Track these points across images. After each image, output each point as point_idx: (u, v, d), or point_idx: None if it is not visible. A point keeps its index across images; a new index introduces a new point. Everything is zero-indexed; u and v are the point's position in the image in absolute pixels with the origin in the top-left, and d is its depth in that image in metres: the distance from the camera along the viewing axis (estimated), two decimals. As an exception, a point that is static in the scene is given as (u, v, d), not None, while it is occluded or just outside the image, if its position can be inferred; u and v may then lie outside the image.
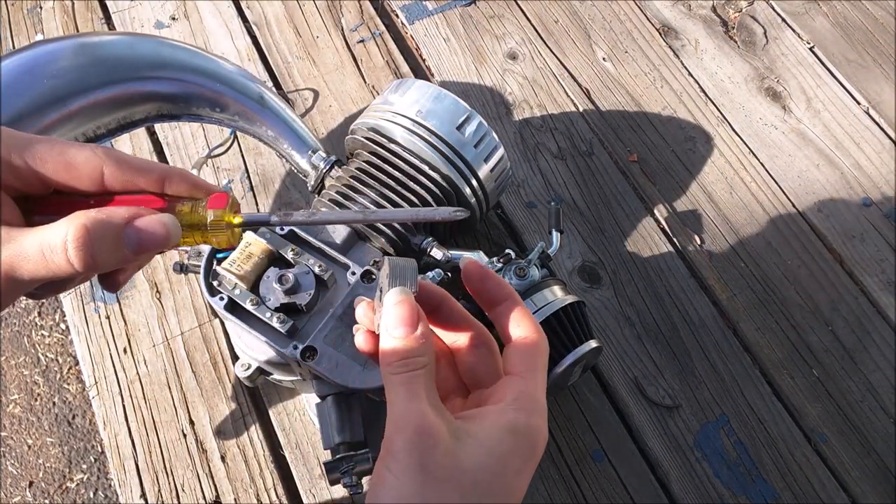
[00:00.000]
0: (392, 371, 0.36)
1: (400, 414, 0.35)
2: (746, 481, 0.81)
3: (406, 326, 0.37)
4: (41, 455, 0.93)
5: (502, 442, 0.35)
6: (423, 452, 0.34)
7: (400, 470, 0.34)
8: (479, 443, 0.35)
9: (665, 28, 1.13)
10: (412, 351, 0.36)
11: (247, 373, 0.70)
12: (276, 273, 0.63)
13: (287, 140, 0.81)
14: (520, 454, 0.36)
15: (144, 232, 0.33)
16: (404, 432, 0.34)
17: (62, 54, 0.69)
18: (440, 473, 0.33)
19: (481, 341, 0.41)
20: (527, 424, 0.36)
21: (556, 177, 0.99)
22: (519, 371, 0.39)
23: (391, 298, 0.37)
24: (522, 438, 0.36)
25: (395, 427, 0.35)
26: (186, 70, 0.75)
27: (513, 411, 0.36)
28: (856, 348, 0.88)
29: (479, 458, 0.35)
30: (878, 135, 1.03)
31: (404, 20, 1.14)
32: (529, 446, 0.36)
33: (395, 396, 0.36)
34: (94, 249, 0.31)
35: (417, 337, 0.37)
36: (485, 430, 0.36)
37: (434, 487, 0.33)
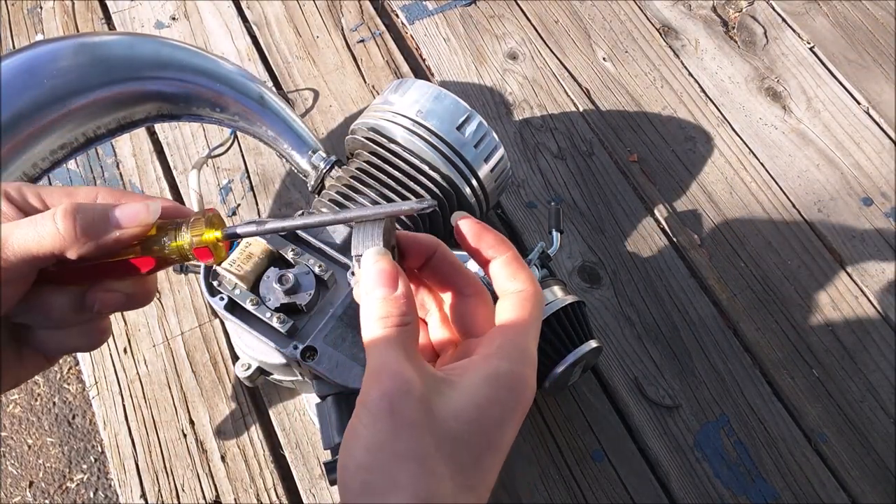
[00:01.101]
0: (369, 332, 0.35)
1: (374, 367, 0.34)
2: (746, 481, 0.81)
3: (384, 287, 0.36)
4: (41, 455, 0.93)
5: (480, 390, 0.34)
6: (395, 400, 0.32)
7: (371, 420, 0.32)
8: (457, 391, 0.34)
9: (665, 28, 1.13)
10: (390, 310, 0.35)
11: (247, 373, 0.70)
12: (276, 273, 0.63)
13: (287, 140, 0.81)
14: (500, 403, 0.34)
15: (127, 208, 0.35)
16: (377, 384, 0.33)
17: (62, 54, 0.69)
18: (412, 420, 0.32)
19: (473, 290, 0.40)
20: (509, 371, 0.35)
21: (556, 177, 0.99)
22: (508, 321, 0.37)
23: (367, 259, 0.36)
24: (503, 387, 0.34)
25: (368, 379, 0.34)
26: (186, 70, 0.75)
27: (496, 359, 0.35)
28: (856, 348, 0.88)
29: (456, 406, 0.33)
30: (878, 135, 1.03)
31: (404, 20, 1.14)
32: (511, 395, 0.35)
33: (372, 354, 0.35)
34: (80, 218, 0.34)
35: (398, 296, 0.36)
36: (464, 378, 0.34)
37: (406, 435, 0.32)
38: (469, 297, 0.40)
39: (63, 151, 0.70)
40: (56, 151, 0.69)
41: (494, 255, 0.39)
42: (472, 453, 0.33)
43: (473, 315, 0.40)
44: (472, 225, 0.39)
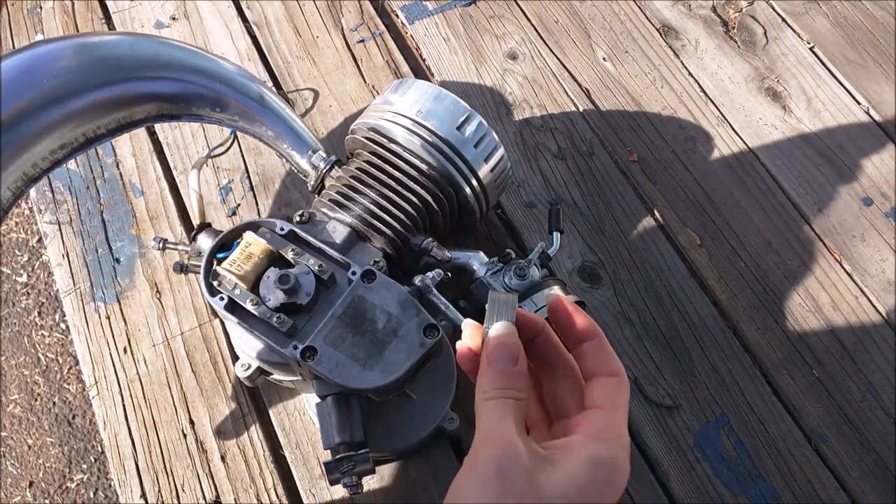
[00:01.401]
0: (486, 397, 0.38)
1: (487, 432, 0.36)
2: (746, 481, 0.81)
3: (506, 360, 0.39)
4: (41, 455, 0.93)
5: (583, 472, 0.36)
6: (505, 469, 0.34)
7: (479, 482, 0.34)
8: (559, 470, 0.36)
9: (665, 28, 1.13)
10: (508, 383, 0.38)
11: (247, 373, 0.70)
12: (276, 273, 0.63)
13: (287, 140, 0.81)
14: (600, 485, 0.36)
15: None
16: (489, 448, 0.35)
17: (62, 54, 0.69)
18: (519, 492, 0.34)
19: (569, 373, 0.43)
20: (609, 457, 0.37)
21: (556, 177, 0.99)
22: (602, 404, 0.39)
23: (496, 330, 0.40)
24: (603, 470, 0.36)
25: (481, 443, 0.36)
26: (186, 70, 0.75)
27: (595, 443, 0.37)
28: (856, 348, 0.88)
29: (559, 484, 0.35)
30: (878, 135, 1.03)
31: (404, 20, 1.14)
32: (609, 478, 0.36)
33: (485, 418, 0.37)
34: None
35: (516, 371, 0.38)
36: (566, 458, 0.36)
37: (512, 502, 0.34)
38: (565, 379, 0.43)
39: (63, 151, 0.70)
40: (56, 151, 0.69)
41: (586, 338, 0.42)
42: None
43: (568, 396, 0.42)
44: (567, 306, 0.42)
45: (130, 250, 0.94)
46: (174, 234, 0.95)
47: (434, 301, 0.69)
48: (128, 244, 0.94)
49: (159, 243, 0.82)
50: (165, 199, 0.98)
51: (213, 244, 0.66)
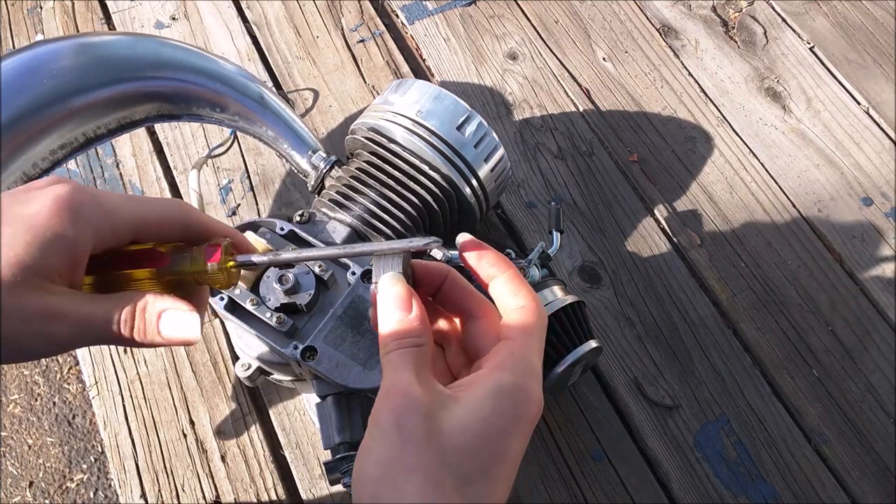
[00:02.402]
0: (385, 351, 0.37)
1: (385, 386, 0.35)
2: (746, 481, 0.81)
3: (399, 310, 0.38)
4: (41, 455, 0.93)
5: (485, 403, 0.35)
6: (402, 417, 0.34)
7: (381, 436, 0.34)
8: (462, 406, 0.35)
9: (665, 28, 1.13)
10: (406, 332, 0.37)
11: (247, 373, 0.70)
12: (276, 273, 0.63)
13: (287, 140, 0.81)
14: (505, 415, 0.35)
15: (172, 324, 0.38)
16: (386, 402, 0.34)
17: (62, 54, 0.69)
18: (418, 437, 0.33)
19: (483, 313, 0.41)
20: (512, 384, 0.36)
21: (556, 177, 0.99)
22: (512, 335, 0.38)
23: (383, 284, 0.38)
24: (507, 399, 0.35)
25: (379, 398, 0.35)
26: (187, 70, 0.75)
27: (498, 371, 0.36)
28: (856, 348, 0.88)
29: (461, 420, 0.34)
30: (878, 135, 1.03)
31: (404, 20, 1.14)
32: (516, 406, 0.35)
33: (385, 373, 0.36)
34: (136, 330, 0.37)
35: (411, 319, 0.37)
36: (469, 393, 0.35)
37: (413, 449, 0.33)
38: (479, 320, 0.41)
39: (63, 151, 0.70)
40: (56, 151, 0.69)
41: (496, 274, 0.40)
42: (479, 465, 0.34)
43: (483, 335, 0.41)
44: (473, 244, 0.41)
45: (130, 250, 0.94)
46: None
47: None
48: (128, 244, 0.94)
49: (159, 243, 0.81)
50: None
51: (213, 244, 0.66)
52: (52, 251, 0.34)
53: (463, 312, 0.42)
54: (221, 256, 0.39)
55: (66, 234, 0.34)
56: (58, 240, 0.34)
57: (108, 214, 0.37)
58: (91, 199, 0.36)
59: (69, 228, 0.35)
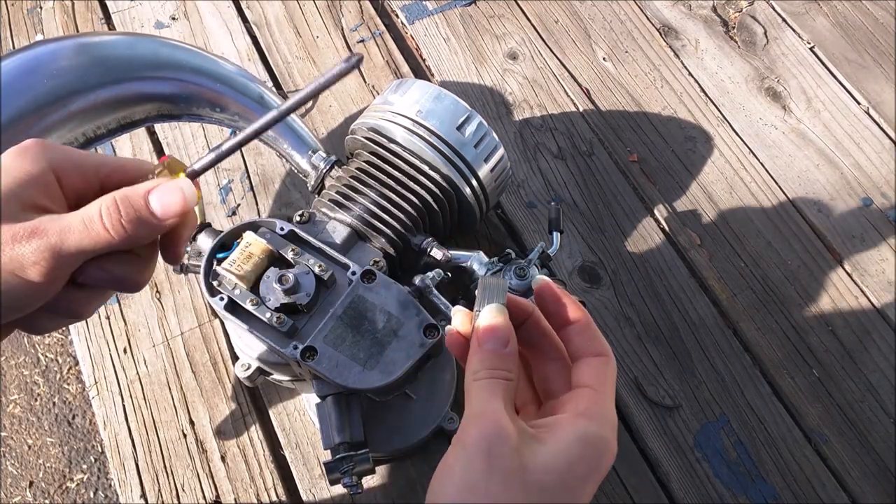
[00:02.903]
0: (476, 378, 0.38)
1: (476, 411, 0.36)
2: (746, 481, 0.81)
3: (497, 341, 0.39)
4: (41, 455, 0.93)
5: (570, 448, 0.36)
6: (493, 446, 0.35)
7: (467, 458, 0.35)
8: (547, 447, 0.36)
9: (665, 28, 1.13)
10: (499, 364, 0.39)
11: (247, 373, 0.70)
12: (276, 273, 0.63)
13: (287, 140, 0.81)
14: (586, 462, 0.36)
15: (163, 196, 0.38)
16: (477, 426, 0.35)
17: (62, 54, 0.69)
18: (506, 468, 0.34)
19: (557, 355, 0.43)
20: (596, 434, 0.37)
21: (556, 177, 0.99)
22: (590, 384, 0.40)
23: (487, 313, 0.40)
24: (590, 447, 0.37)
25: (470, 422, 0.36)
26: (186, 70, 0.75)
27: (584, 420, 0.38)
28: (856, 348, 0.88)
29: (546, 460, 0.35)
30: (878, 135, 1.03)
31: (404, 20, 1.14)
32: (596, 455, 0.37)
33: (475, 397, 0.37)
34: (125, 217, 0.36)
35: (506, 352, 0.39)
36: (554, 436, 0.37)
37: (499, 481, 0.34)
38: (554, 361, 0.43)
39: (63, 151, 0.70)
40: (56, 151, 0.69)
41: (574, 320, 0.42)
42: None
43: (556, 378, 0.43)
44: (553, 290, 0.43)
45: (130, 250, 0.94)
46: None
47: (434, 301, 0.69)
48: (128, 244, 0.94)
49: (159, 243, 0.81)
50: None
51: (213, 244, 0.66)
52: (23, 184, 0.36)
53: (538, 350, 0.43)
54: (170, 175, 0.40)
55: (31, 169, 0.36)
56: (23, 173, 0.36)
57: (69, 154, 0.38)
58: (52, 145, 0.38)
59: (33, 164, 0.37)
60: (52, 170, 0.37)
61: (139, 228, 0.37)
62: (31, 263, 0.35)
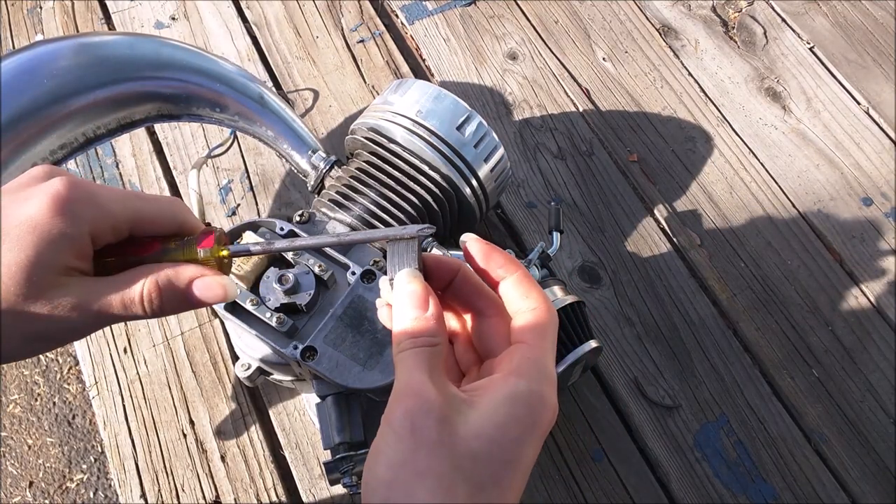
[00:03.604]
0: (399, 349, 0.36)
1: (399, 386, 0.35)
2: (746, 481, 0.81)
3: (416, 308, 0.37)
4: (41, 455, 0.93)
5: (500, 409, 0.34)
6: (416, 419, 0.33)
7: (394, 438, 0.33)
8: (476, 411, 0.34)
9: (665, 28, 1.13)
10: (422, 331, 0.37)
11: (247, 373, 0.70)
12: (276, 273, 0.63)
13: (287, 140, 0.81)
14: (519, 422, 0.34)
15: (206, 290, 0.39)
16: (401, 402, 0.34)
17: (62, 54, 0.69)
18: (432, 439, 0.33)
19: (495, 311, 0.40)
20: (528, 391, 0.35)
21: (556, 177, 0.99)
22: (525, 339, 0.38)
23: (400, 280, 0.38)
24: (522, 405, 0.35)
25: (393, 398, 0.35)
26: (186, 70, 0.75)
27: (514, 378, 0.36)
28: (856, 348, 0.88)
29: (476, 425, 0.34)
30: (878, 135, 1.03)
31: (404, 20, 1.14)
32: (531, 414, 0.35)
33: (400, 371, 0.36)
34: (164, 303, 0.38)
35: (428, 318, 0.37)
36: (484, 397, 0.35)
37: (426, 453, 0.33)
38: (490, 318, 0.41)
39: (63, 151, 0.70)
40: (56, 151, 0.69)
41: (504, 275, 0.40)
42: (492, 472, 0.34)
43: (494, 335, 0.40)
44: (481, 246, 0.40)
45: (130, 250, 0.94)
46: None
47: (434, 301, 0.68)
48: (128, 244, 0.94)
49: (159, 243, 0.81)
50: (165, 199, 0.98)
51: (213, 244, 0.66)
52: (59, 248, 0.36)
53: (473, 309, 0.41)
54: (214, 244, 0.39)
55: (67, 231, 0.36)
56: (61, 237, 0.36)
57: (105, 210, 0.37)
58: (88, 196, 0.37)
59: (70, 226, 0.36)
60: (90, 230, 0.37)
61: (175, 309, 0.38)
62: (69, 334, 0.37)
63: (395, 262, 0.39)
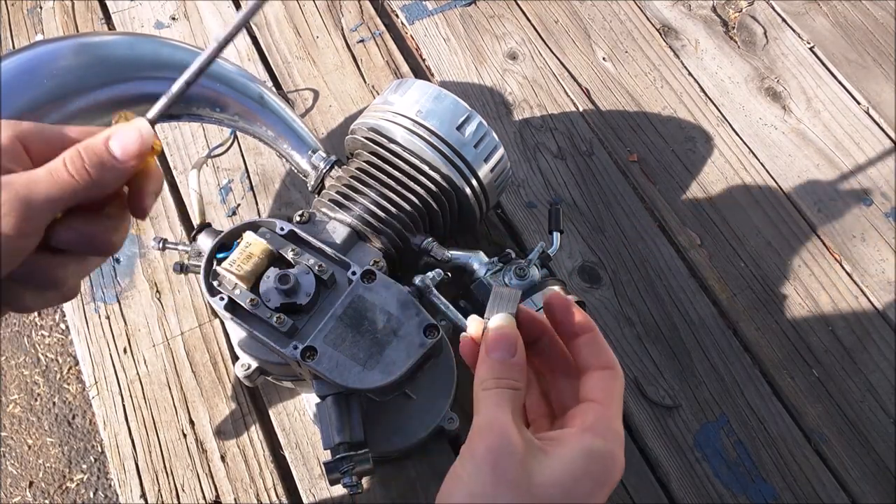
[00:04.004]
0: (484, 387, 0.38)
1: (484, 421, 0.37)
2: (746, 481, 0.81)
3: (504, 350, 0.39)
4: (41, 455, 0.93)
5: (576, 462, 0.36)
6: (500, 458, 0.35)
7: (475, 470, 0.35)
8: (554, 460, 0.36)
9: (665, 28, 1.13)
10: (506, 373, 0.39)
11: (247, 373, 0.70)
12: (276, 273, 0.63)
13: (287, 140, 0.81)
14: (592, 477, 0.37)
15: (122, 138, 0.39)
16: (485, 438, 0.36)
17: (62, 54, 0.69)
18: (513, 480, 0.35)
19: (571, 371, 0.43)
20: (602, 449, 0.37)
21: (556, 177, 0.99)
22: (597, 397, 0.40)
23: (495, 321, 0.40)
24: (597, 462, 0.37)
25: (477, 432, 0.37)
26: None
27: (589, 435, 0.38)
28: (856, 348, 0.88)
29: (553, 474, 0.36)
30: (878, 135, 1.03)
31: (404, 20, 1.14)
32: (603, 470, 0.37)
33: (482, 407, 0.38)
34: (87, 162, 0.37)
35: (514, 361, 0.39)
36: (561, 449, 0.37)
37: (506, 491, 0.34)
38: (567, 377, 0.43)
39: (63, 151, 0.70)
40: (56, 151, 0.69)
41: (581, 332, 0.42)
42: None
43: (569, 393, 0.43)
44: (561, 301, 0.43)
45: (130, 250, 0.94)
46: (174, 234, 0.95)
47: (434, 301, 0.69)
48: (128, 244, 0.94)
49: (159, 243, 0.82)
50: (165, 199, 0.98)
51: (213, 244, 0.66)
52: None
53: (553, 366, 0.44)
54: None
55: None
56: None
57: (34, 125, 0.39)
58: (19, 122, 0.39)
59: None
60: (19, 139, 0.38)
61: (102, 172, 0.38)
62: (3, 215, 0.35)
63: (494, 306, 0.42)
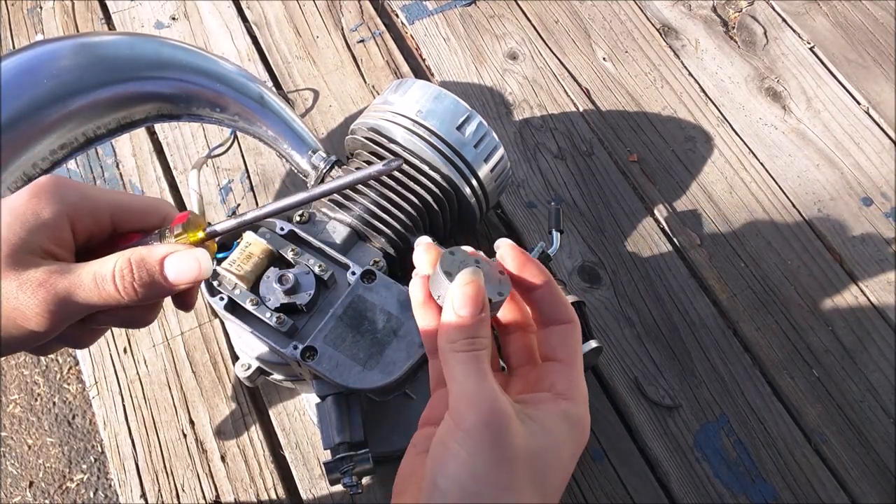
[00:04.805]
0: (456, 348, 0.37)
1: (472, 392, 0.36)
2: (746, 481, 0.81)
3: (474, 307, 0.38)
4: (41, 455, 0.93)
5: (560, 428, 0.37)
6: (498, 432, 0.35)
7: (473, 447, 0.35)
8: (541, 427, 0.37)
9: (665, 28, 1.13)
10: (477, 332, 0.38)
11: (247, 373, 0.70)
12: (276, 273, 0.63)
13: (287, 140, 0.81)
14: (573, 440, 0.38)
15: (179, 265, 0.38)
16: (478, 411, 0.35)
17: (62, 54, 0.69)
18: (512, 453, 0.35)
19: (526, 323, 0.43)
20: (578, 413, 0.39)
21: (556, 177, 0.99)
22: (561, 357, 0.40)
23: (463, 277, 0.39)
24: (575, 425, 0.38)
25: (468, 404, 0.36)
26: (186, 70, 0.75)
27: (564, 402, 0.39)
28: (856, 348, 0.88)
29: (544, 441, 0.36)
30: (878, 135, 1.03)
31: (404, 20, 1.14)
32: (581, 433, 0.39)
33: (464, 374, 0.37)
34: (138, 280, 0.37)
35: (482, 317, 0.38)
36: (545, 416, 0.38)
37: (507, 467, 0.35)
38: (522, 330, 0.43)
39: (63, 151, 0.70)
40: (56, 151, 0.69)
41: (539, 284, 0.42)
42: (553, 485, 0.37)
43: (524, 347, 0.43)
44: (516, 254, 0.42)
45: (130, 250, 0.94)
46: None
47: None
48: (128, 244, 0.94)
49: (159, 243, 0.82)
50: (165, 199, 0.98)
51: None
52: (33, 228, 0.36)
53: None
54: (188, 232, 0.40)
55: (43, 213, 0.36)
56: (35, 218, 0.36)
57: (85, 196, 0.38)
58: (69, 184, 0.38)
59: (46, 208, 0.36)
60: (67, 214, 0.37)
61: (150, 293, 0.37)
62: (35, 315, 0.35)
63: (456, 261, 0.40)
